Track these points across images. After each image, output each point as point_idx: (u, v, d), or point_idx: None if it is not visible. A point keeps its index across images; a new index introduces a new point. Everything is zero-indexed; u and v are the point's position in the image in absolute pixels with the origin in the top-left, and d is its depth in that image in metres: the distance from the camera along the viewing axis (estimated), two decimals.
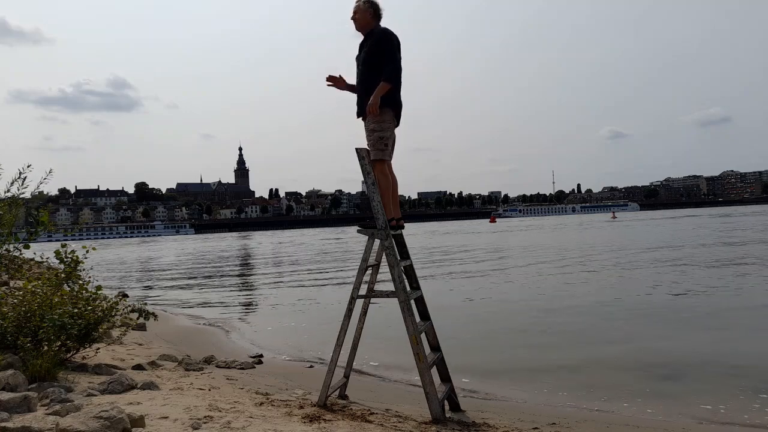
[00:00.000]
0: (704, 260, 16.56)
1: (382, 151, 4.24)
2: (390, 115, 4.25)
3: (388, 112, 4.24)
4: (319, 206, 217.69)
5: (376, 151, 4.25)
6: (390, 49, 4.18)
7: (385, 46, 4.19)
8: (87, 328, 4.88)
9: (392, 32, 4.26)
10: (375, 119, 4.21)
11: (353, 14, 4.38)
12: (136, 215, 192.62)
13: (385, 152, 4.26)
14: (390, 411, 4.36)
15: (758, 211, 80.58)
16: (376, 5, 4.35)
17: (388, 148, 4.27)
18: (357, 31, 4.41)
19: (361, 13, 4.34)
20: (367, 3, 4.33)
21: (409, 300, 4.16)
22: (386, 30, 4.27)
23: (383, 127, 4.22)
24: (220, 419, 3.61)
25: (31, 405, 3.61)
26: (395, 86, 4.20)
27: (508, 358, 6.63)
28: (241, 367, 6.09)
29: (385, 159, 4.28)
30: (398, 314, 4.15)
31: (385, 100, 4.18)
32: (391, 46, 4.19)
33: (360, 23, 4.36)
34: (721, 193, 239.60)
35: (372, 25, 4.34)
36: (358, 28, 4.39)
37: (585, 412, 4.69)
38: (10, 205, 6.19)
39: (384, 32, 4.25)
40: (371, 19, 4.34)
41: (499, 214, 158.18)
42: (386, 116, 4.24)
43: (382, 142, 4.23)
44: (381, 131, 4.22)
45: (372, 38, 4.26)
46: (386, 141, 4.24)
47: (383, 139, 4.23)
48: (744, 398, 4.88)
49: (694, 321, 8.24)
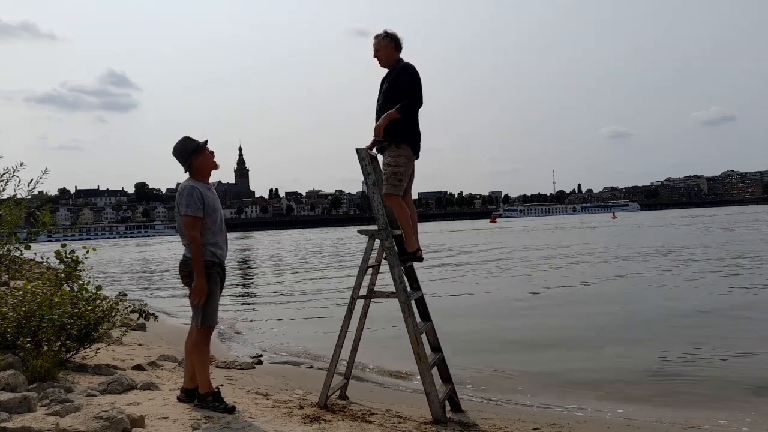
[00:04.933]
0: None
1: (394, 186, 4.18)
2: (407, 150, 4.20)
3: (405, 147, 4.19)
4: (320, 206, 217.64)
5: (389, 185, 4.19)
6: (411, 85, 4.14)
7: (406, 81, 4.15)
8: (87, 329, 4.88)
9: (414, 67, 4.21)
10: (391, 154, 4.19)
11: (375, 52, 4.33)
12: (136, 215, 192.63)
13: (398, 187, 4.19)
14: (390, 411, 4.36)
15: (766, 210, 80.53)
16: (396, 38, 4.31)
17: (402, 183, 4.19)
18: (382, 67, 4.36)
19: (383, 49, 4.30)
20: (387, 38, 4.29)
21: (409, 300, 4.15)
22: (408, 65, 4.23)
23: (398, 162, 4.17)
24: (220, 419, 3.61)
25: (31, 405, 3.60)
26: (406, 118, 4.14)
27: (509, 358, 6.62)
28: (241, 368, 6.08)
29: (397, 195, 4.20)
30: (399, 315, 4.15)
31: (402, 136, 4.16)
32: (411, 82, 4.14)
33: (384, 60, 4.32)
34: (722, 193, 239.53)
35: (395, 57, 4.31)
36: (383, 64, 4.34)
37: (585, 413, 4.68)
38: (11, 206, 6.18)
39: (406, 67, 4.21)
40: (393, 52, 4.30)
41: (499, 215, 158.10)
42: (403, 151, 4.19)
43: (395, 177, 4.17)
44: (395, 166, 4.17)
45: (395, 72, 4.23)
46: (400, 176, 4.18)
47: (397, 174, 4.17)
48: (744, 399, 4.88)
49: (697, 323, 8.23)
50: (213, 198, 3.95)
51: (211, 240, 3.88)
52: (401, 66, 4.23)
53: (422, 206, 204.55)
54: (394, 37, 4.31)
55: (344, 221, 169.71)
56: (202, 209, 3.80)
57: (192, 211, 3.76)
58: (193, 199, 3.78)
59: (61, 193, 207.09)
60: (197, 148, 3.94)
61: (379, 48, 4.31)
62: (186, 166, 3.95)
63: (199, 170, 3.97)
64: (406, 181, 4.24)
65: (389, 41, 4.29)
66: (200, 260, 3.75)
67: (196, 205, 3.78)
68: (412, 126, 4.21)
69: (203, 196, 3.83)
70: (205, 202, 3.83)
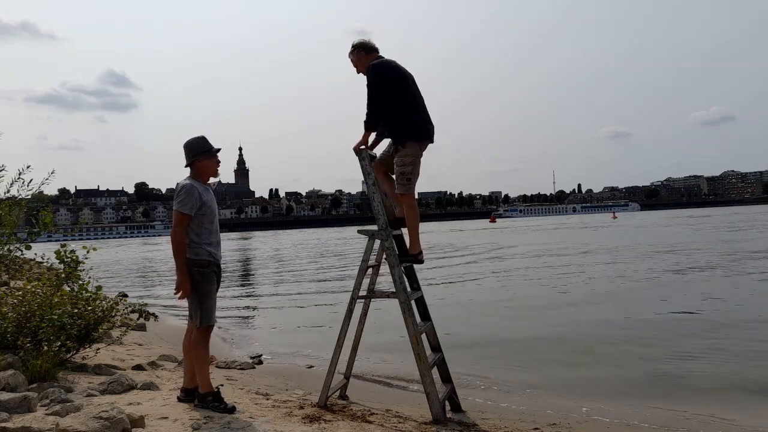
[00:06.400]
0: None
1: (404, 185, 4.23)
2: (412, 147, 4.20)
3: (409, 145, 4.20)
4: (320, 206, 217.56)
5: (398, 185, 4.26)
6: (368, 96, 4.15)
7: (368, 92, 4.17)
8: (87, 329, 4.88)
9: (378, 67, 4.17)
10: (398, 154, 4.21)
11: (356, 68, 4.38)
12: (136, 215, 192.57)
13: (408, 186, 4.23)
14: (390, 411, 4.36)
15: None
16: (365, 44, 4.34)
17: (411, 182, 4.24)
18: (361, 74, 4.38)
19: (357, 60, 4.35)
20: (354, 50, 4.34)
21: (409, 300, 4.15)
22: (372, 67, 4.19)
23: (404, 162, 4.19)
24: (220, 419, 3.61)
25: (31, 405, 3.60)
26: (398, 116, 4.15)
27: (508, 359, 6.61)
28: (241, 368, 6.08)
29: (409, 192, 4.25)
30: (399, 315, 4.15)
31: (402, 135, 4.18)
32: (368, 92, 4.15)
33: (360, 68, 4.35)
34: (722, 194, 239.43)
35: (370, 62, 4.28)
36: (361, 71, 4.36)
37: (585, 413, 4.68)
38: (11, 206, 6.18)
39: (369, 70, 4.20)
40: (366, 58, 4.31)
41: (499, 215, 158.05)
42: (408, 150, 4.19)
43: (404, 177, 4.21)
44: (401, 166, 4.20)
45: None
46: (408, 176, 4.21)
47: (405, 174, 4.20)
48: (745, 399, 4.88)
49: (699, 327, 8.23)
50: (210, 198, 4.00)
51: (207, 240, 3.89)
52: (368, 72, 4.22)
53: (422, 206, 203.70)
54: (363, 45, 4.34)
55: (344, 221, 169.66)
56: (196, 209, 3.82)
57: (184, 208, 3.79)
58: (190, 198, 3.80)
59: (61, 193, 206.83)
60: (209, 151, 4.01)
61: (355, 61, 4.36)
62: (190, 162, 3.98)
63: (200, 172, 4.01)
64: (415, 179, 4.27)
65: (359, 51, 4.33)
66: (181, 256, 3.77)
67: (191, 204, 3.80)
68: (407, 119, 4.18)
69: (201, 196, 3.86)
70: (203, 202, 3.86)
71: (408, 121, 4.18)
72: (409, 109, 4.19)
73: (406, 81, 4.20)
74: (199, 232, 3.87)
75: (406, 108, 4.18)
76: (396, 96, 4.13)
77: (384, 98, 4.12)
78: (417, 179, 4.29)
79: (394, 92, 4.13)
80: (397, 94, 4.14)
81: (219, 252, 4.07)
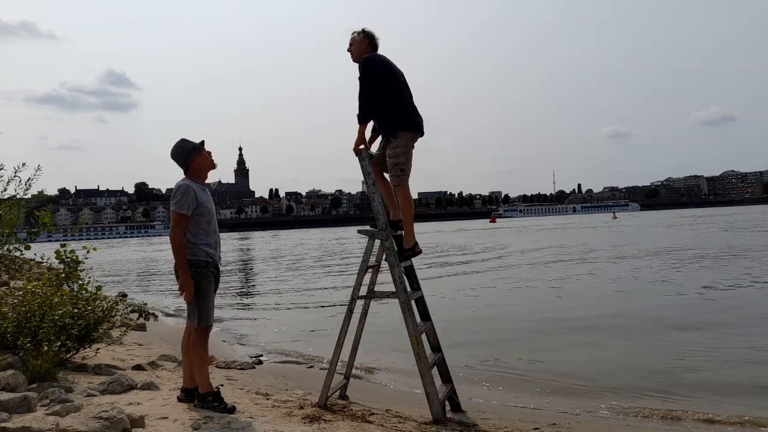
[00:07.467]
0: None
1: (398, 177, 4.23)
2: (404, 137, 4.20)
3: (401, 135, 4.20)
4: (320, 206, 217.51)
5: (393, 177, 4.27)
6: (360, 91, 4.14)
7: (360, 86, 4.16)
8: (87, 329, 4.87)
9: (370, 60, 4.17)
10: (390, 145, 4.21)
11: (349, 46, 4.33)
12: (136, 215, 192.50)
13: (402, 177, 4.23)
14: (390, 411, 4.36)
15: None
16: (372, 36, 4.29)
17: (404, 173, 4.23)
18: (354, 62, 4.33)
19: (357, 44, 4.29)
20: (362, 34, 4.29)
21: (409, 300, 4.15)
22: (363, 62, 4.19)
23: (396, 153, 4.20)
24: (220, 419, 3.61)
25: (31, 405, 3.60)
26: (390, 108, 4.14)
27: (509, 359, 6.61)
28: (241, 368, 6.08)
29: (403, 184, 4.25)
30: (399, 315, 4.15)
31: (394, 126, 4.18)
32: (362, 81, 4.14)
33: (355, 55, 4.31)
34: (722, 193, 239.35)
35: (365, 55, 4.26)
36: (354, 59, 4.33)
37: (585, 414, 4.68)
38: (11, 206, 6.17)
39: (362, 63, 4.19)
40: (365, 50, 4.28)
41: (499, 215, 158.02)
42: (400, 140, 4.19)
43: (397, 168, 4.21)
44: (394, 157, 4.20)
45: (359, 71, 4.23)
46: (402, 166, 4.21)
47: (398, 165, 4.20)
48: (746, 399, 4.88)
49: (697, 324, 8.23)
50: (207, 198, 3.98)
51: (204, 240, 3.89)
52: (360, 65, 4.20)
53: (422, 206, 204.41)
54: (370, 35, 4.29)
55: (344, 221, 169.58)
56: (193, 209, 3.82)
57: (181, 208, 3.78)
58: (186, 198, 3.80)
59: (61, 193, 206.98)
60: (194, 148, 3.97)
61: (353, 43, 4.31)
62: (185, 167, 3.97)
63: (196, 170, 3.99)
64: (409, 170, 4.26)
65: (364, 38, 4.28)
66: (182, 256, 3.76)
67: (188, 203, 3.80)
68: (398, 111, 4.18)
69: (197, 196, 3.85)
70: (199, 202, 3.85)
71: (399, 112, 4.20)
72: (400, 101, 4.22)
73: (396, 76, 4.22)
74: (196, 232, 3.86)
75: (397, 101, 4.20)
76: (387, 90, 4.15)
77: (375, 91, 4.12)
78: (410, 171, 4.28)
79: (386, 85, 4.14)
80: (388, 88, 4.15)
81: (218, 252, 4.05)
